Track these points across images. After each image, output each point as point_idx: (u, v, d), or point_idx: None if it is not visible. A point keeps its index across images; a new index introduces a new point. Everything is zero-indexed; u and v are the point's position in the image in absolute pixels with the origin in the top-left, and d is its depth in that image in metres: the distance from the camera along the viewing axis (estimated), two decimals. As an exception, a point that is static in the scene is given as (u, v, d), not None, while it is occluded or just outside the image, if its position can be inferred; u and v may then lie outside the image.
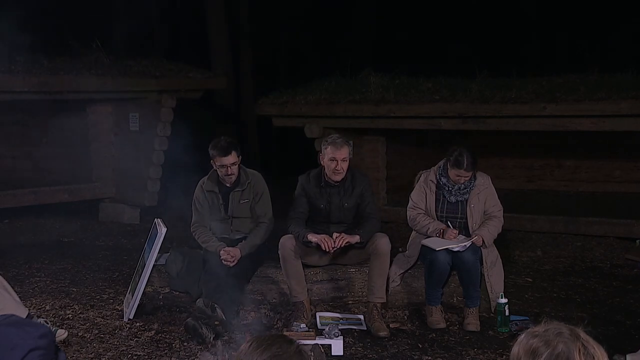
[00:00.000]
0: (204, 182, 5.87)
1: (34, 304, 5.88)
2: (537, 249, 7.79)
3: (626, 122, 7.50)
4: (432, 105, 8.38)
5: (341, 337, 5.02)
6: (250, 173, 5.85)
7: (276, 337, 2.12)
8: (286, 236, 5.55)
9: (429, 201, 5.67)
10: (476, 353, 4.92)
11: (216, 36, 13.71)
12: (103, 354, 4.88)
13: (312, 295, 5.67)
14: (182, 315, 5.60)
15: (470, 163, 5.43)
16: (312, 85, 9.51)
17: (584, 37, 11.31)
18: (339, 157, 5.48)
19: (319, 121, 9.04)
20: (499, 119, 8.08)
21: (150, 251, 5.55)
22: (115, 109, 9.68)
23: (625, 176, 9.86)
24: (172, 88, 9.38)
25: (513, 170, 10.55)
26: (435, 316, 5.45)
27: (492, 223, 5.58)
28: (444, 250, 5.41)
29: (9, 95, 8.28)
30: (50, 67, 8.56)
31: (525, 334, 2.05)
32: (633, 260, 7.22)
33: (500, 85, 8.40)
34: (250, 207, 5.80)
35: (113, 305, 5.94)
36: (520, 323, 5.31)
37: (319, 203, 5.63)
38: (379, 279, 5.43)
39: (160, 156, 9.40)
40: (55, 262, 7.38)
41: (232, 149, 5.66)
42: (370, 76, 9.28)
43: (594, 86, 7.79)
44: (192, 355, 4.86)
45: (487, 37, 15.71)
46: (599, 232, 8.03)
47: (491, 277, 5.58)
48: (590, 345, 1.97)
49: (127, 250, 7.91)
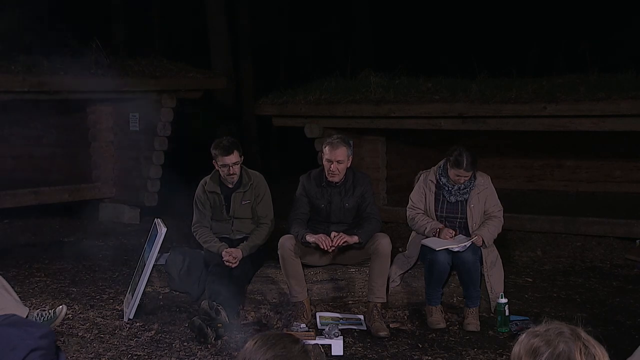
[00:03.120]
0: (205, 182, 5.87)
1: (34, 304, 5.87)
2: (537, 249, 7.79)
3: (626, 122, 7.49)
4: (432, 105, 8.38)
5: (341, 337, 5.02)
6: (252, 174, 5.86)
7: (281, 336, 2.12)
8: (286, 236, 5.55)
9: (428, 201, 5.67)
10: (476, 353, 4.92)
11: (216, 36, 13.70)
12: (103, 354, 4.88)
13: (312, 295, 5.67)
14: (182, 315, 5.60)
15: (470, 163, 5.43)
16: (312, 85, 9.51)
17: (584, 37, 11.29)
18: (334, 158, 5.48)
19: (319, 121, 9.04)
20: (499, 119, 8.08)
21: (150, 251, 5.55)
22: (115, 109, 9.68)
23: (625, 176, 9.86)
24: (172, 88, 9.38)
25: (513, 170, 10.55)
26: (435, 316, 5.45)
27: (492, 223, 5.58)
28: (444, 250, 5.41)
29: (9, 95, 8.27)
30: (50, 67, 8.56)
31: (526, 333, 2.05)
32: (633, 260, 7.22)
33: (500, 85, 8.40)
34: (251, 208, 5.81)
35: (113, 305, 5.94)
36: (520, 323, 5.31)
37: (319, 203, 5.63)
38: (379, 279, 5.43)
39: (160, 156, 9.41)
40: (55, 262, 7.38)
41: (234, 148, 5.67)
42: (370, 76, 9.28)
43: (594, 86, 7.78)
44: (192, 355, 4.86)
45: (487, 37, 15.72)
46: (599, 232, 8.03)
47: (491, 277, 5.58)
48: (591, 345, 1.97)
49: (127, 250, 7.90)
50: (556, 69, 9.61)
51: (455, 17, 16.82)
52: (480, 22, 16.39)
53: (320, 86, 9.39)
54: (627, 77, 7.93)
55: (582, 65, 8.91)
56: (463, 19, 16.67)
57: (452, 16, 16.85)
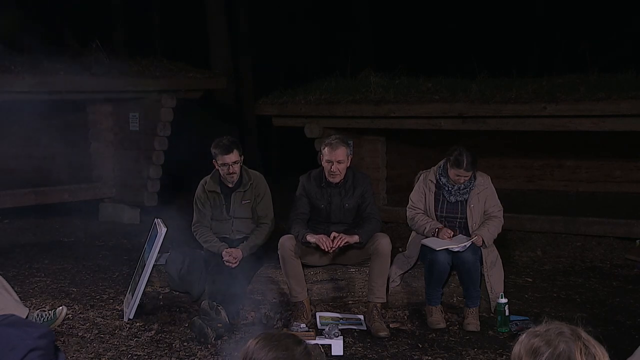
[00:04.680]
0: (205, 182, 5.87)
1: (34, 304, 5.87)
2: (537, 249, 7.79)
3: (626, 122, 7.49)
4: (432, 105, 8.38)
5: (341, 337, 5.02)
6: (252, 174, 5.86)
7: (284, 337, 2.10)
8: (286, 236, 5.55)
9: (428, 201, 5.67)
10: (476, 353, 4.92)
11: (216, 36, 13.70)
12: (103, 354, 4.88)
13: (312, 295, 5.67)
14: (182, 315, 5.60)
15: (470, 163, 5.43)
16: (312, 85, 9.51)
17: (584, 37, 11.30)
18: (335, 159, 5.48)
19: (319, 121, 9.04)
20: (499, 119, 8.08)
21: (150, 251, 5.54)
22: (115, 109, 9.68)
23: (625, 176, 9.86)
24: (172, 88, 9.38)
25: (513, 170, 10.55)
26: (435, 316, 5.45)
27: (492, 223, 5.58)
28: (444, 250, 5.41)
29: (9, 95, 8.27)
30: (50, 67, 8.56)
31: (526, 333, 2.05)
32: (633, 260, 7.22)
33: (500, 85, 8.40)
34: (251, 208, 5.81)
35: (113, 305, 5.94)
36: (520, 323, 5.31)
37: (319, 203, 5.63)
38: (379, 279, 5.43)
39: (160, 156, 9.41)
40: (55, 262, 7.38)
41: (234, 147, 5.67)
42: (370, 76, 9.29)
43: (594, 86, 7.78)
44: (192, 355, 4.86)
45: (487, 37, 15.71)
46: (599, 232, 8.03)
47: (491, 277, 5.58)
48: (591, 345, 1.97)
49: (127, 250, 7.90)
50: (556, 69, 9.61)
51: (455, 17, 16.81)
52: (480, 22, 16.38)
53: (320, 86, 9.40)
54: (627, 77, 7.93)
55: (582, 65, 8.91)
56: (463, 19, 16.66)
57: (452, 16, 16.84)
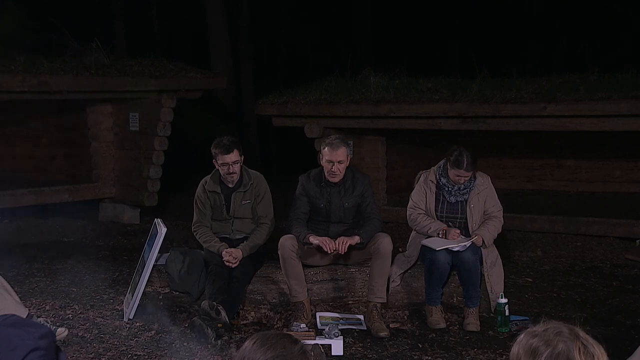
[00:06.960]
0: (206, 182, 5.87)
1: (34, 304, 5.87)
2: (537, 249, 7.79)
3: (626, 122, 7.50)
4: (432, 105, 8.38)
5: (341, 337, 5.02)
6: (252, 174, 5.86)
7: (281, 336, 2.10)
8: (286, 236, 5.54)
9: (428, 201, 5.67)
10: (476, 353, 4.92)
11: (216, 36, 13.70)
12: (103, 354, 4.88)
13: (312, 295, 5.66)
14: (182, 315, 5.59)
15: (470, 163, 5.43)
16: (312, 85, 9.52)
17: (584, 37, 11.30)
18: (335, 159, 5.48)
19: (319, 121, 9.04)
20: (499, 119, 8.08)
21: (150, 251, 5.55)
22: (115, 109, 9.68)
23: (625, 176, 9.86)
24: (172, 88, 9.39)
25: (513, 170, 10.55)
26: (435, 316, 5.45)
27: (492, 223, 5.58)
28: (444, 250, 5.41)
29: (9, 95, 8.28)
30: (50, 67, 8.56)
31: (525, 333, 2.05)
32: (633, 260, 7.22)
33: (500, 85, 8.40)
34: (251, 208, 5.81)
35: (113, 305, 5.94)
36: (520, 323, 5.31)
37: (319, 203, 5.63)
38: (380, 279, 5.42)
39: (160, 156, 9.41)
40: (55, 262, 7.38)
41: (234, 147, 5.67)
42: (370, 76, 9.29)
43: (594, 86, 7.78)
44: (192, 355, 4.86)
45: (487, 37, 15.72)
46: (599, 232, 8.03)
47: (491, 277, 5.58)
48: (589, 344, 1.97)
49: (127, 250, 7.91)
50: (556, 69, 9.62)
51: (455, 17, 16.82)
52: (480, 22, 16.39)
53: (320, 86, 9.40)
54: (627, 77, 7.94)
55: (582, 65, 8.92)
56: (463, 19, 16.67)
57: (452, 16, 16.85)
